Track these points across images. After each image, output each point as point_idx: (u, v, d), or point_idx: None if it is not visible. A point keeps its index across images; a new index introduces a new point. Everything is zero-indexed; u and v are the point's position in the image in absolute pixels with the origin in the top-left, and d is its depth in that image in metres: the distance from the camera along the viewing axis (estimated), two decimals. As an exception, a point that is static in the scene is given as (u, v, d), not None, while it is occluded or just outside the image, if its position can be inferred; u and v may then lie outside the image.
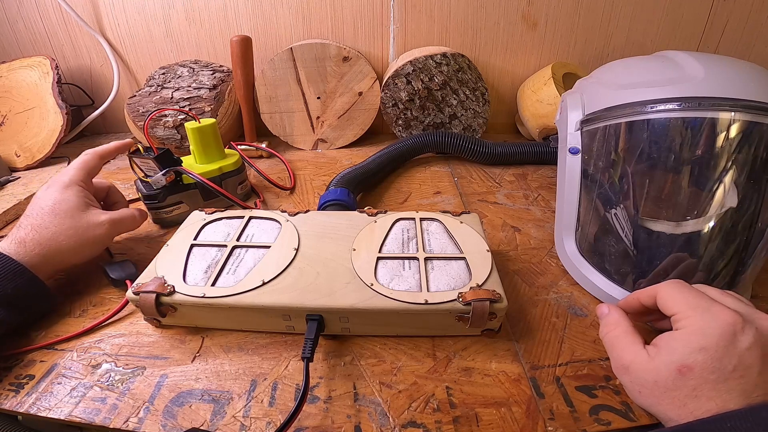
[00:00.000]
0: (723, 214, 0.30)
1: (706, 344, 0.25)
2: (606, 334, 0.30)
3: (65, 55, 0.79)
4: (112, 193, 0.47)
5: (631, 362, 0.27)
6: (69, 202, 0.39)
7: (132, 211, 0.44)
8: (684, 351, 0.25)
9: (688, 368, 0.25)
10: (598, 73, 0.43)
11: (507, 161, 0.66)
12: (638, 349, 0.27)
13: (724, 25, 0.75)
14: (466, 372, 0.31)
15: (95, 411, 0.28)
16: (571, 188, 0.40)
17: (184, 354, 0.33)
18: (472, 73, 0.68)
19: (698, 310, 0.26)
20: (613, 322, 0.30)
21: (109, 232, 0.40)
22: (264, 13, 0.74)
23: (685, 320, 0.26)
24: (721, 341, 0.24)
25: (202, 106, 0.67)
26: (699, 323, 0.25)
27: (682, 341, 0.26)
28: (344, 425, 0.28)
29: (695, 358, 0.25)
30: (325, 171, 0.66)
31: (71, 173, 0.41)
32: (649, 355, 0.27)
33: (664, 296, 0.28)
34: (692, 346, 0.25)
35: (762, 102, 0.29)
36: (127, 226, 0.43)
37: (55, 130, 0.68)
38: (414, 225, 0.41)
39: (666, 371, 0.25)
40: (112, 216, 0.41)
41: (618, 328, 0.30)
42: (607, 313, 0.31)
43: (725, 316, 0.25)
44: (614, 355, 0.29)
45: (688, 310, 0.26)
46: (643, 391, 0.27)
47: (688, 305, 0.27)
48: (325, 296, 0.32)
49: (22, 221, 0.38)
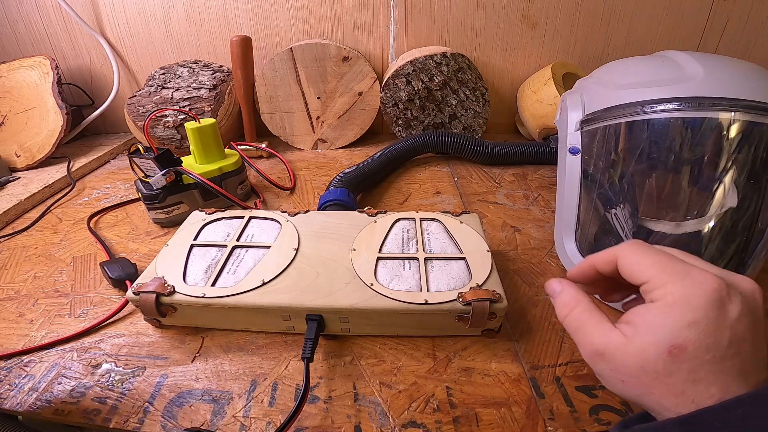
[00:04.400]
0: (723, 214, 0.30)
1: (694, 318, 0.21)
2: (566, 316, 0.25)
3: (65, 55, 0.79)
4: None
5: (606, 347, 0.23)
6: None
7: None
8: (671, 328, 0.21)
9: (680, 348, 0.21)
10: (598, 73, 0.43)
11: (507, 161, 0.66)
12: (609, 330, 0.23)
13: (724, 25, 0.75)
14: (466, 372, 0.31)
15: (95, 411, 0.28)
16: (571, 188, 0.40)
17: (184, 354, 0.33)
18: (472, 73, 0.68)
19: (676, 276, 0.22)
20: (571, 300, 0.26)
21: None
22: (264, 13, 0.74)
23: (661, 289, 0.22)
24: (710, 312, 0.21)
25: (202, 106, 0.67)
26: (680, 292, 0.21)
27: (665, 316, 0.21)
28: (344, 425, 0.28)
29: (686, 336, 0.21)
30: (325, 171, 0.66)
31: None
32: (625, 336, 0.23)
33: (630, 261, 0.24)
34: (679, 321, 0.21)
35: (762, 102, 0.29)
36: None
37: (55, 130, 0.68)
38: (414, 225, 0.41)
39: (654, 354, 0.21)
40: None
41: (579, 307, 0.25)
42: (561, 291, 0.27)
43: (709, 282, 0.21)
44: (582, 340, 0.24)
45: (663, 277, 0.22)
46: (628, 381, 0.22)
47: (662, 270, 0.23)
48: (325, 296, 0.32)
49: None
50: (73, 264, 0.44)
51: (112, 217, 0.54)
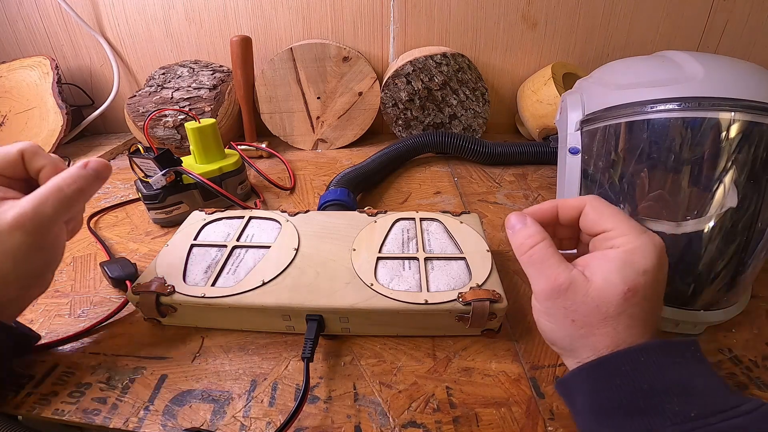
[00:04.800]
0: (723, 214, 0.30)
1: (648, 266, 0.23)
2: (530, 248, 0.26)
3: (65, 55, 0.79)
4: (31, 158, 0.28)
5: (570, 284, 0.24)
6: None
7: (63, 176, 0.27)
8: (628, 272, 0.23)
9: (634, 292, 0.23)
10: (598, 73, 0.43)
11: (507, 161, 0.66)
12: (571, 268, 0.24)
13: (724, 25, 0.75)
14: (466, 372, 0.31)
15: (95, 411, 0.28)
16: (571, 188, 0.40)
17: (184, 354, 0.33)
18: (472, 73, 0.68)
19: (635, 230, 0.24)
20: (537, 233, 0.26)
21: (35, 232, 0.25)
22: (264, 13, 0.74)
23: (622, 237, 0.24)
24: (656, 266, 0.23)
25: (202, 106, 0.67)
26: (638, 242, 0.24)
27: (624, 261, 0.23)
28: (344, 425, 0.28)
29: (640, 281, 0.23)
30: (325, 171, 0.66)
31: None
32: (585, 276, 0.24)
33: (598, 210, 0.26)
34: (636, 267, 0.23)
35: (762, 102, 0.29)
36: (67, 203, 0.27)
37: (55, 130, 0.68)
38: (414, 225, 0.41)
39: (612, 294, 0.23)
40: (24, 208, 0.25)
41: (545, 241, 0.25)
42: (524, 225, 0.27)
43: (658, 240, 0.24)
44: (546, 273, 0.24)
45: (624, 227, 0.24)
46: (579, 320, 0.23)
47: (625, 223, 0.25)
48: (325, 296, 0.32)
49: None
50: (73, 264, 0.44)
51: (112, 217, 0.54)
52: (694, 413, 0.20)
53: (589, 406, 0.23)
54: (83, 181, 0.27)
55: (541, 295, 0.25)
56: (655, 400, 0.21)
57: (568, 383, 0.25)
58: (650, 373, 0.21)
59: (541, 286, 0.25)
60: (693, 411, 0.20)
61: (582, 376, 0.24)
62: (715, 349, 0.33)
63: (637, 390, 0.21)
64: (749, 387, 0.29)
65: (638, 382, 0.21)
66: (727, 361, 0.32)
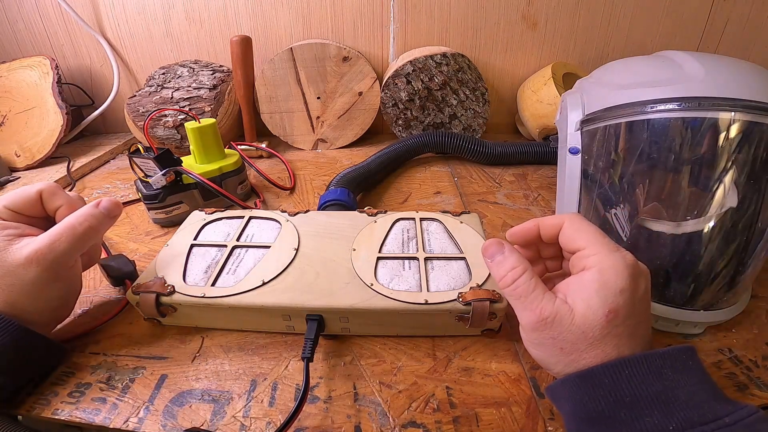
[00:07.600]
0: (723, 214, 0.30)
1: (623, 286, 0.23)
2: (513, 281, 0.25)
3: (65, 55, 0.79)
4: (48, 198, 0.32)
5: (556, 314, 0.24)
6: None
7: (76, 215, 0.30)
8: (606, 294, 0.23)
9: (615, 313, 0.23)
10: (598, 73, 0.43)
11: (507, 161, 0.66)
12: (554, 299, 0.24)
13: (724, 25, 0.75)
14: (466, 372, 0.31)
15: (95, 411, 0.28)
16: (571, 188, 0.40)
17: (184, 354, 0.33)
18: (472, 73, 0.69)
19: (607, 248, 0.24)
20: (519, 264, 0.26)
21: (49, 267, 0.28)
22: (264, 13, 0.74)
23: (594, 257, 0.24)
24: (631, 284, 0.23)
25: (202, 106, 0.67)
26: (610, 261, 0.23)
27: (600, 283, 0.23)
28: (344, 425, 0.28)
29: (618, 301, 0.23)
30: (325, 171, 0.66)
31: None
32: (568, 304, 0.24)
33: (574, 227, 0.26)
34: (612, 288, 0.23)
35: (762, 102, 0.29)
36: (79, 240, 0.29)
37: (55, 130, 0.68)
38: (414, 225, 0.41)
39: (594, 320, 0.23)
40: (40, 244, 0.28)
41: (527, 273, 0.25)
42: (506, 255, 0.26)
43: (630, 258, 0.24)
44: (530, 309, 0.24)
45: (597, 246, 0.24)
46: (567, 347, 0.24)
47: (598, 241, 0.24)
48: (325, 296, 0.32)
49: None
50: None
51: (112, 217, 0.54)
52: (672, 426, 0.20)
53: (574, 414, 0.23)
54: (94, 220, 0.31)
55: (528, 327, 0.25)
56: (635, 412, 0.21)
57: (556, 391, 0.25)
58: (632, 386, 0.21)
59: (527, 319, 0.25)
60: (672, 424, 0.20)
61: (567, 385, 0.24)
62: (715, 349, 0.33)
63: (619, 402, 0.21)
64: (749, 387, 0.29)
65: (620, 394, 0.22)
66: (727, 361, 0.32)
